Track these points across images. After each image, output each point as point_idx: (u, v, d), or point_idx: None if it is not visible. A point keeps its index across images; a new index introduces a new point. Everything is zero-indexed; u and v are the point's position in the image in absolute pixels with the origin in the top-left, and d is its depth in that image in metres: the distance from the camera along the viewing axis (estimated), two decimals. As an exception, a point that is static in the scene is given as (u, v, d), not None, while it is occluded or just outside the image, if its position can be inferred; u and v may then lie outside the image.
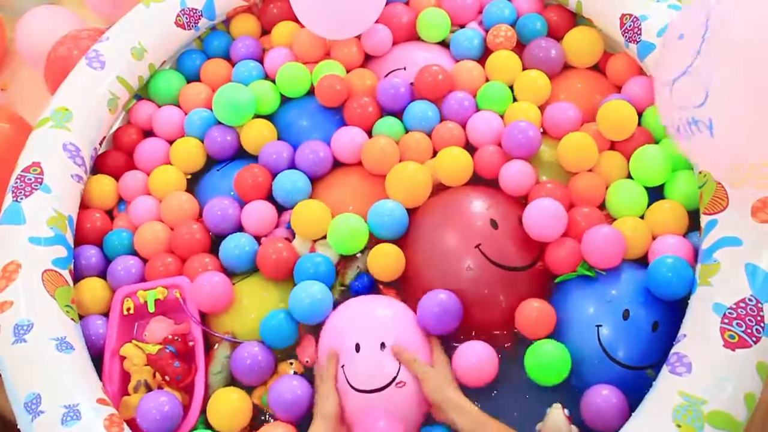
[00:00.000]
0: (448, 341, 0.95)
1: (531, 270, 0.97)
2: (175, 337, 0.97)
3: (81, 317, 0.99)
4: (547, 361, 0.89)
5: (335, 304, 0.98)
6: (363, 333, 0.92)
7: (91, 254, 1.07)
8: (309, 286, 0.96)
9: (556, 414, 0.86)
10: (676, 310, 0.88)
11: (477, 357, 0.90)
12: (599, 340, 0.90)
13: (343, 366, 0.90)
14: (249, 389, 0.96)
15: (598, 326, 0.90)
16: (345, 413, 0.89)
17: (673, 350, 0.82)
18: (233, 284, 1.02)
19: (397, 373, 0.88)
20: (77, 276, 1.03)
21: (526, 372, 0.91)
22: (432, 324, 0.92)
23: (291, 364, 0.96)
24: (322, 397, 0.89)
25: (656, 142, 1.05)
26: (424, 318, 0.93)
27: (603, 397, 0.86)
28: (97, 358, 0.96)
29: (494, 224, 0.98)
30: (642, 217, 1.00)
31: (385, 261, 1.00)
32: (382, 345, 0.90)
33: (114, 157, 1.18)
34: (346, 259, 1.03)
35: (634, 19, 1.05)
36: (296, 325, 0.96)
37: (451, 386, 0.88)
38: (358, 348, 0.90)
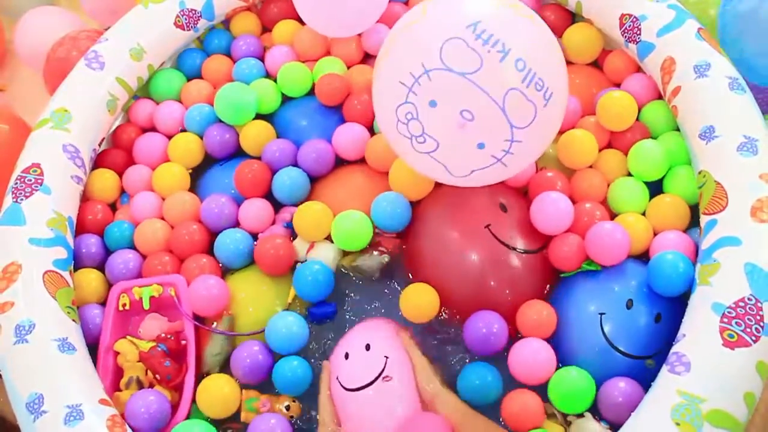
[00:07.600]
0: (432, 334, 0.97)
1: (541, 254, 0.98)
2: (168, 336, 0.97)
3: (78, 307, 0.99)
4: (571, 390, 0.88)
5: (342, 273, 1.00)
6: (349, 343, 0.93)
7: (91, 243, 1.07)
8: (284, 317, 0.96)
9: (589, 427, 0.86)
10: (680, 304, 0.88)
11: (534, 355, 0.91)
12: (602, 327, 0.90)
13: (338, 377, 0.90)
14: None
15: (601, 314, 0.91)
16: (346, 420, 0.89)
17: (672, 350, 0.82)
18: (228, 276, 1.02)
19: (383, 368, 0.88)
20: (76, 265, 1.03)
21: (549, 400, 0.90)
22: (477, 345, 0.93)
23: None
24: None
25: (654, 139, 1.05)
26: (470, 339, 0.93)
27: (620, 390, 0.86)
28: (93, 347, 0.96)
29: (503, 207, 0.99)
30: (643, 214, 1.00)
31: (418, 302, 0.97)
32: (368, 346, 0.90)
33: (114, 155, 1.18)
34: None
35: (634, 19, 1.06)
36: (310, 369, 0.95)
37: (437, 381, 0.87)
38: (347, 356, 0.91)
